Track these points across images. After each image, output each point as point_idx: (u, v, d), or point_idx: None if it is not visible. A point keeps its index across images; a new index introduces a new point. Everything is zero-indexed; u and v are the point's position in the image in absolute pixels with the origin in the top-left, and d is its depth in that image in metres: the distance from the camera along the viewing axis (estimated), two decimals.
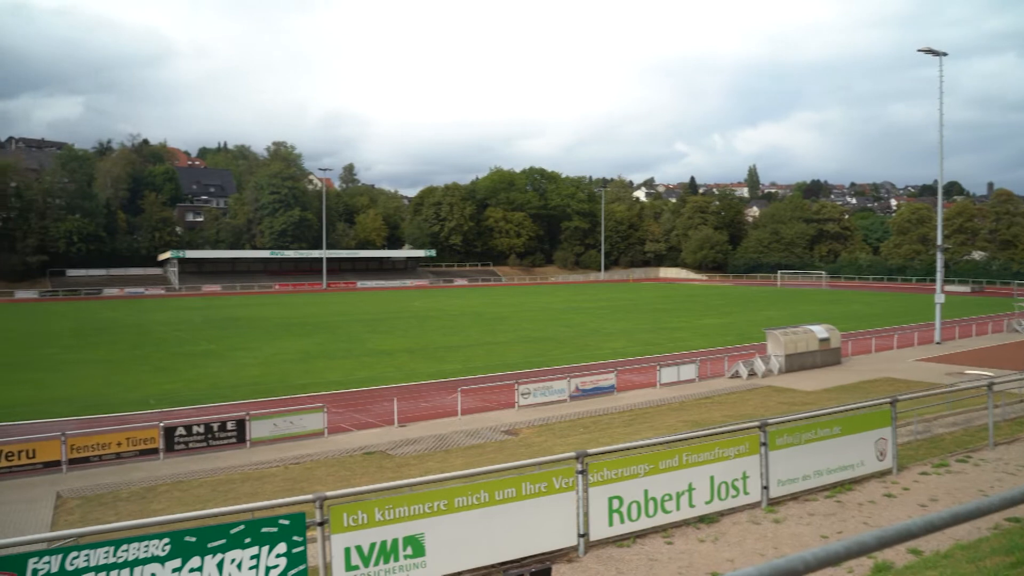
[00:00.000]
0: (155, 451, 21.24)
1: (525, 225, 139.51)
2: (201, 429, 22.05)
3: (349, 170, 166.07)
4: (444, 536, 7.90)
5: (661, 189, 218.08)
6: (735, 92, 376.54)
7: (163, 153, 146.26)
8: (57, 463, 19.99)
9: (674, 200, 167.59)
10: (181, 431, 21.76)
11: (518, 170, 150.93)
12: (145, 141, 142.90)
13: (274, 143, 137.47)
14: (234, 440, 22.38)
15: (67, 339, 49.58)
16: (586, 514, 9.43)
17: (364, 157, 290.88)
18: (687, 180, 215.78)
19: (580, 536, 9.43)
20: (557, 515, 9.16)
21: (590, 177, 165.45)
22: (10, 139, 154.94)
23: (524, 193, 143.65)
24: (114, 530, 7.17)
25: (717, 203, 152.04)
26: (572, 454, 9.37)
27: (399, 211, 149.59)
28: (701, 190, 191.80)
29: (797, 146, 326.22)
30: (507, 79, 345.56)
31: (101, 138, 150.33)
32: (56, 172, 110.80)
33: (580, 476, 9.29)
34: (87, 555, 6.16)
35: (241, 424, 22.52)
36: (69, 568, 6.07)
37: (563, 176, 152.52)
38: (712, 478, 10.74)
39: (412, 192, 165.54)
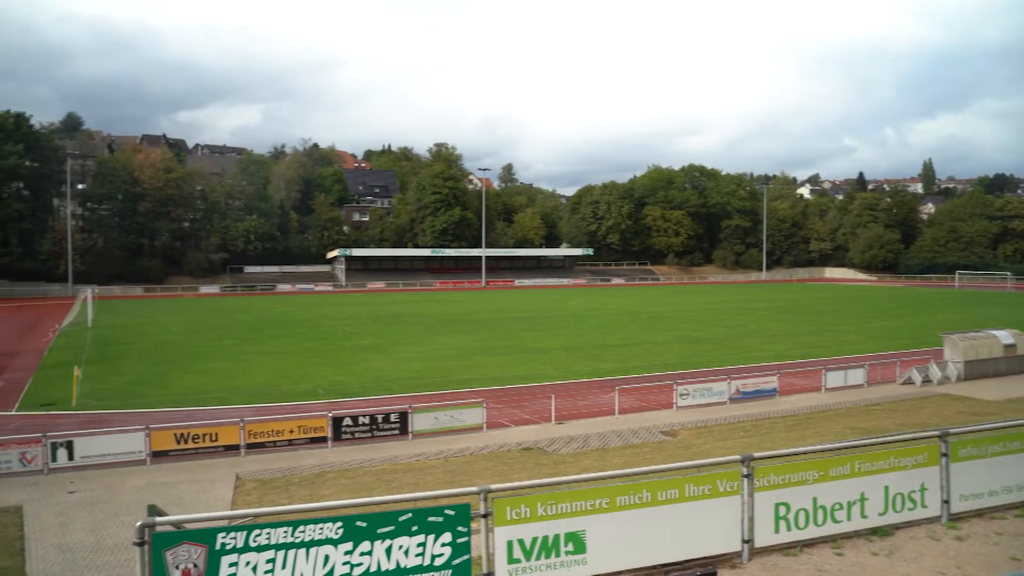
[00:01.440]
0: (324, 439, 22.19)
1: (684, 223, 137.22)
2: (366, 420, 22.86)
3: (508, 170, 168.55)
4: (605, 534, 7.86)
5: (827, 186, 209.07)
6: (909, 82, 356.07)
7: (332, 156, 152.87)
8: (236, 447, 21.23)
9: (841, 197, 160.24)
10: (348, 421, 22.65)
11: (677, 168, 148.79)
12: (315, 145, 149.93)
13: (436, 144, 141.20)
14: (397, 432, 23.07)
15: (245, 332, 52.66)
16: (751, 519, 9.15)
17: (523, 157, 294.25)
18: (855, 176, 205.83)
19: (744, 542, 9.16)
20: (720, 519, 8.93)
21: (751, 174, 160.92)
22: (196, 146, 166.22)
23: (683, 191, 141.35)
24: (290, 512, 7.52)
25: (888, 200, 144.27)
26: (737, 457, 9.10)
27: (557, 210, 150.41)
28: (870, 186, 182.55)
29: (978, 137, 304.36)
30: (666, 76, 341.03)
31: (276, 143, 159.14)
32: (236, 176, 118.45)
33: (745, 480, 9.02)
34: (268, 533, 6.51)
35: (404, 416, 23.21)
36: (252, 544, 6.44)
37: (723, 173, 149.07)
38: (886, 489, 10.18)
39: (570, 191, 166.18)
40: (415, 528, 6.86)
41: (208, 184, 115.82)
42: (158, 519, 6.36)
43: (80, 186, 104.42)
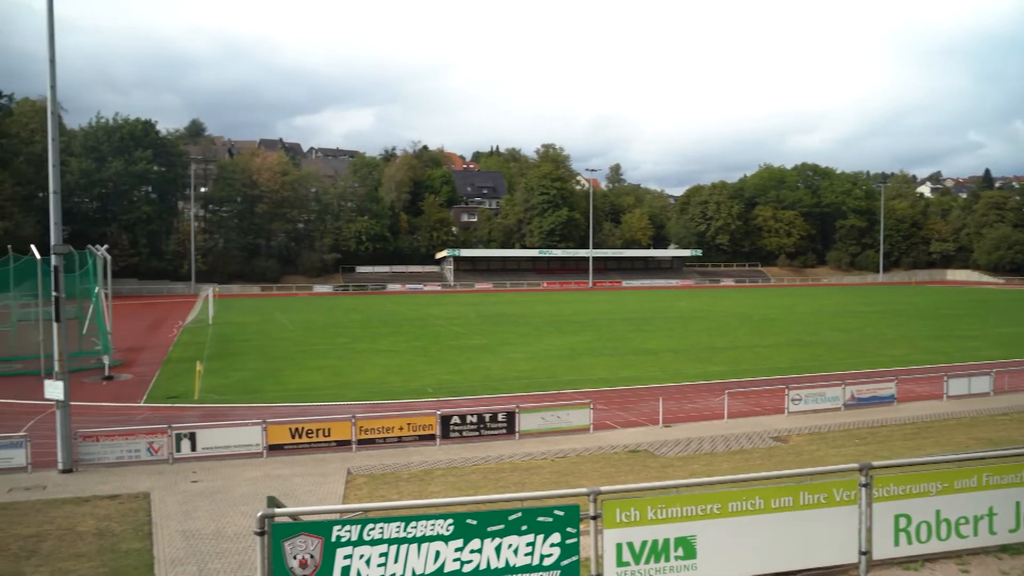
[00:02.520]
0: (432, 437, 22.51)
1: (796, 224, 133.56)
2: (474, 419, 23.09)
3: (616, 170, 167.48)
4: (716, 540, 7.70)
5: (949, 184, 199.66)
6: None
7: (441, 158, 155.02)
8: (348, 442, 21.76)
9: (965, 195, 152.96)
10: (456, 420, 22.92)
11: (789, 166, 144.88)
12: (425, 147, 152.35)
13: (543, 145, 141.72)
14: (504, 431, 23.21)
15: (356, 330, 53.95)
16: (869, 530, 8.80)
17: (631, 157, 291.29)
18: (980, 173, 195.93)
19: (862, 554, 8.82)
20: (836, 529, 8.61)
21: (867, 172, 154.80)
22: (311, 149, 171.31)
23: (795, 191, 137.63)
24: (402, 508, 7.64)
25: (1017, 198, 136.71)
26: (855, 465, 8.77)
27: (665, 210, 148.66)
28: (997, 184, 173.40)
29: None
30: (778, 72, 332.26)
31: (387, 146, 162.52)
32: (348, 178, 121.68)
33: (863, 490, 8.68)
34: (382, 528, 6.64)
35: (511, 416, 23.33)
36: (366, 538, 6.58)
37: (838, 172, 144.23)
38: (1018, 504, 9.62)
39: (678, 191, 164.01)
40: (524, 527, 6.87)
41: (322, 186, 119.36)
42: (277, 510, 6.56)
43: (202, 189, 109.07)
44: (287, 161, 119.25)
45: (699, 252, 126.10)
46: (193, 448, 20.68)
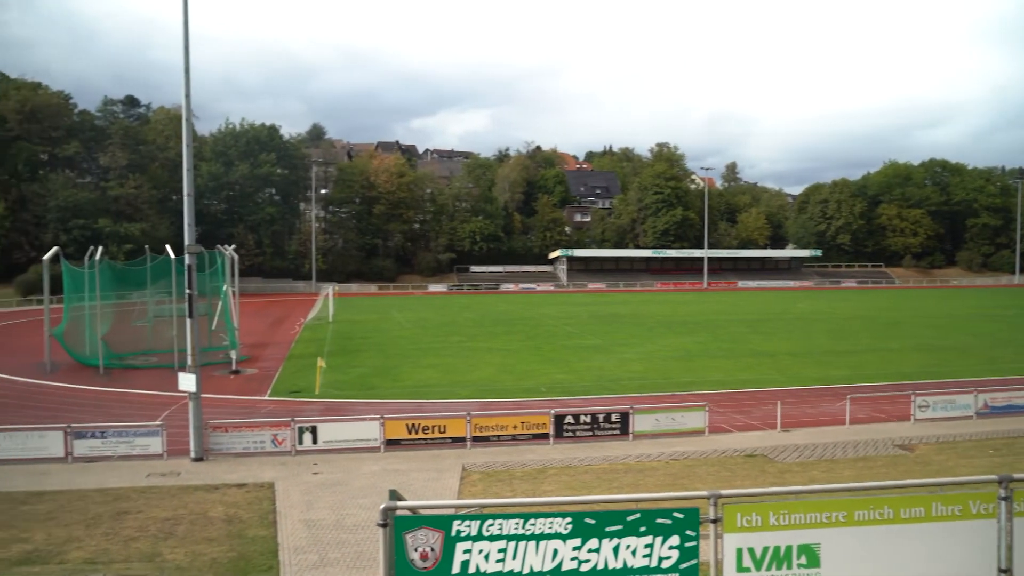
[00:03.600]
0: (546, 436, 22.57)
1: (923, 223, 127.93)
2: (588, 419, 23.03)
3: (731, 169, 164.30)
4: (841, 550, 7.42)
5: None
6: None
7: (554, 158, 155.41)
8: (462, 439, 22.04)
9: None
10: (570, 419, 22.91)
11: (915, 163, 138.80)
12: (538, 147, 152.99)
13: (657, 144, 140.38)
14: (618, 432, 23.06)
15: (471, 329, 54.63)
16: (1009, 547, 8.31)
17: (748, 155, 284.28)
18: None
19: (1001, 572, 8.34)
20: (972, 544, 8.17)
21: (1003, 168, 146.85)
22: (427, 151, 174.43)
23: (922, 188, 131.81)
24: (519, 505, 7.70)
25: None
26: (994, 477, 8.30)
27: (783, 209, 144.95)
28: None
29: None
30: (904, 63, 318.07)
31: (501, 146, 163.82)
32: (463, 179, 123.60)
33: (1003, 503, 8.22)
34: (500, 524, 6.69)
35: (625, 417, 23.17)
36: (485, 534, 6.64)
37: (969, 168, 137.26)
38: None
39: (797, 190, 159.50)
40: (643, 529, 6.80)
41: (437, 187, 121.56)
42: (399, 503, 6.71)
43: (323, 191, 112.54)
44: (404, 163, 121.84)
45: (819, 252, 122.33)
46: (314, 441, 21.36)
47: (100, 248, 39.60)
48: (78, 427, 21.09)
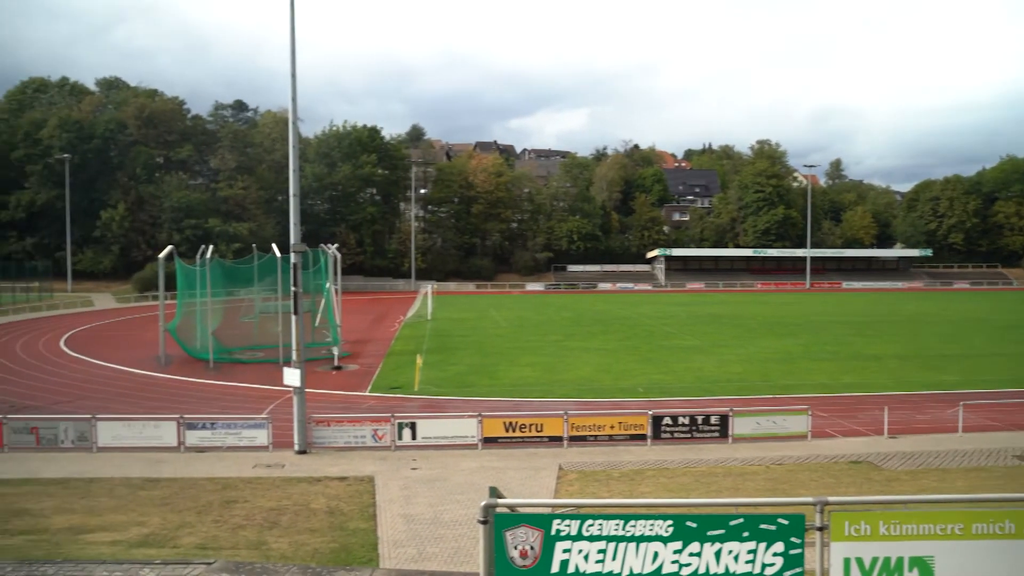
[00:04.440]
0: (643, 437, 22.37)
1: None
2: (686, 421, 22.73)
3: (836, 166, 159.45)
4: (957, 564, 7.08)
5: None
6: None
7: (652, 156, 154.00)
8: (559, 438, 22.04)
9: None
10: (667, 421, 22.65)
11: None
12: (636, 146, 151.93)
13: (758, 142, 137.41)
14: (716, 434, 22.69)
15: (568, 328, 54.56)
16: None
17: (854, 151, 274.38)
18: None
19: None
20: None
21: None
22: (524, 150, 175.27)
23: None
24: (618, 506, 7.65)
25: None
26: None
27: (890, 208, 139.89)
28: None
29: None
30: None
31: (598, 145, 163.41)
32: (560, 178, 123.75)
33: None
34: (600, 525, 6.67)
35: (724, 419, 22.77)
36: (585, 534, 6.63)
37: None
38: None
39: (905, 187, 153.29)
40: (746, 534, 6.66)
41: (534, 187, 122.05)
42: (499, 501, 6.75)
43: (422, 191, 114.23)
44: (502, 163, 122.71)
45: (929, 252, 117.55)
46: (413, 437, 21.70)
47: (211, 247, 41.13)
48: (190, 418, 22.01)
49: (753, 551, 6.70)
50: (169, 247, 40.86)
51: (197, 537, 13.89)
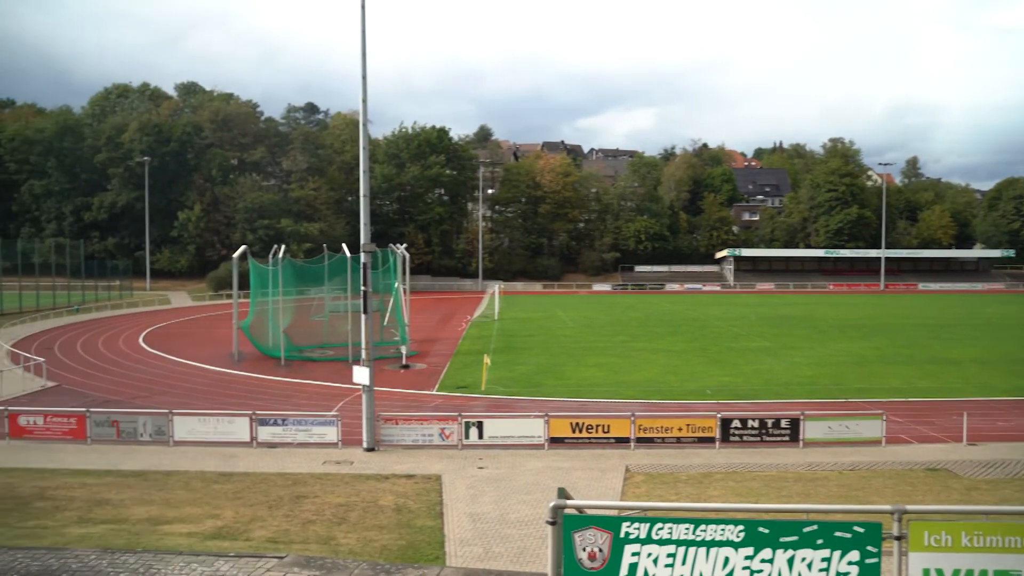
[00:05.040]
0: (711, 440, 22.08)
1: None
2: (756, 424, 22.37)
3: (912, 164, 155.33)
4: None
5: None
6: None
7: (721, 155, 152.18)
8: (626, 439, 21.88)
9: None
10: (736, 423, 22.32)
11: None
12: (704, 145, 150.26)
13: (831, 140, 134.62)
14: (787, 438, 22.27)
15: (635, 329, 54.23)
16: None
17: (932, 149, 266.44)
18: None
19: None
20: None
21: None
22: (592, 150, 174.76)
23: None
24: (687, 509, 7.56)
25: None
26: None
27: (970, 207, 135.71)
28: None
29: None
30: None
31: (666, 145, 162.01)
32: (628, 177, 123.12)
33: None
34: (670, 528, 6.59)
35: (795, 423, 22.34)
36: (654, 537, 6.57)
37: None
38: None
39: (987, 185, 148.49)
40: (820, 541, 6.51)
41: (602, 186, 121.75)
42: (567, 502, 6.73)
43: (490, 191, 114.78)
44: (569, 162, 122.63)
45: (1011, 253, 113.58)
46: (480, 436, 21.78)
47: (282, 246, 41.94)
48: (262, 414, 22.48)
49: (827, 559, 6.54)
50: (243, 247, 41.84)
51: (268, 531, 14.16)
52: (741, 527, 6.60)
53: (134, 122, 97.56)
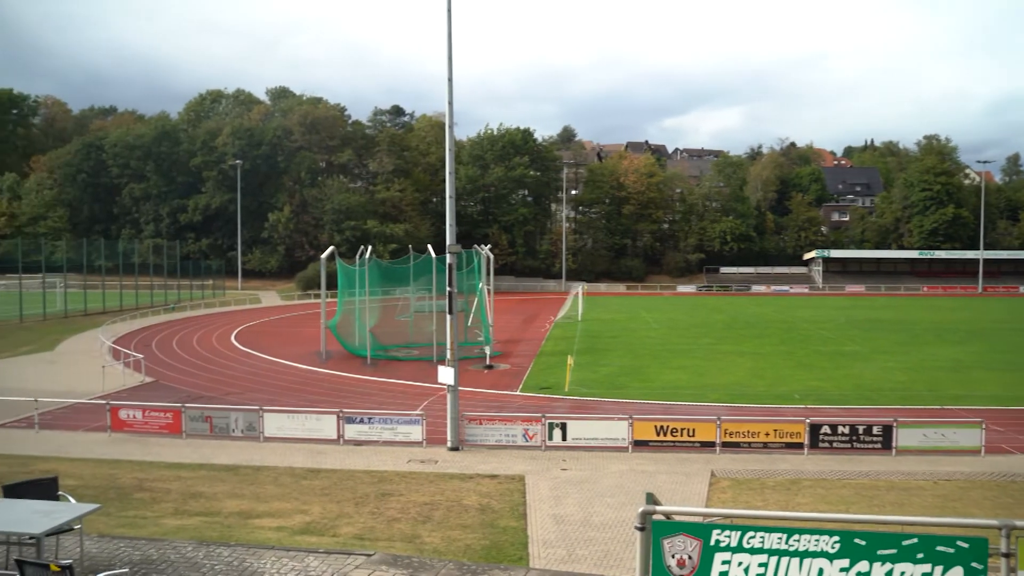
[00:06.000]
0: (800, 445, 21.56)
1: None
2: (846, 430, 21.75)
3: (1013, 161, 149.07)
4: None
5: None
6: None
7: (809, 154, 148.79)
8: (711, 444, 21.55)
9: None
10: (826, 429, 21.74)
11: None
12: (792, 144, 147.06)
13: (926, 137, 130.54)
14: (879, 446, 21.59)
15: (720, 331, 53.39)
16: None
17: None
18: None
19: None
20: None
21: None
22: (676, 150, 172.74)
23: None
24: (779, 518, 7.40)
25: None
26: None
27: None
28: None
29: None
30: None
31: (753, 144, 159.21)
32: (713, 178, 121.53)
33: None
34: (762, 537, 6.44)
35: (888, 430, 21.64)
36: (745, 546, 6.43)
37: None
38: None
39: None
40: (920, 556, 6.26)
41: (686, 187, 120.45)
42: (656, 508, 6.66)
43: (573, 192, 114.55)
44: (653, 163, 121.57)
45: None
46: (563, 437, 21.74)
47: (369, 247, 42.65)
48: (349, 413, 22.89)
49: (928, 574, 6.30)
50: (331, 248, 42.67)
51: (355, 527, 14.41)
52: (836, 538, 6.40)
53: (227, 126, 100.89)
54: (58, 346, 44.55)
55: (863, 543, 6.36)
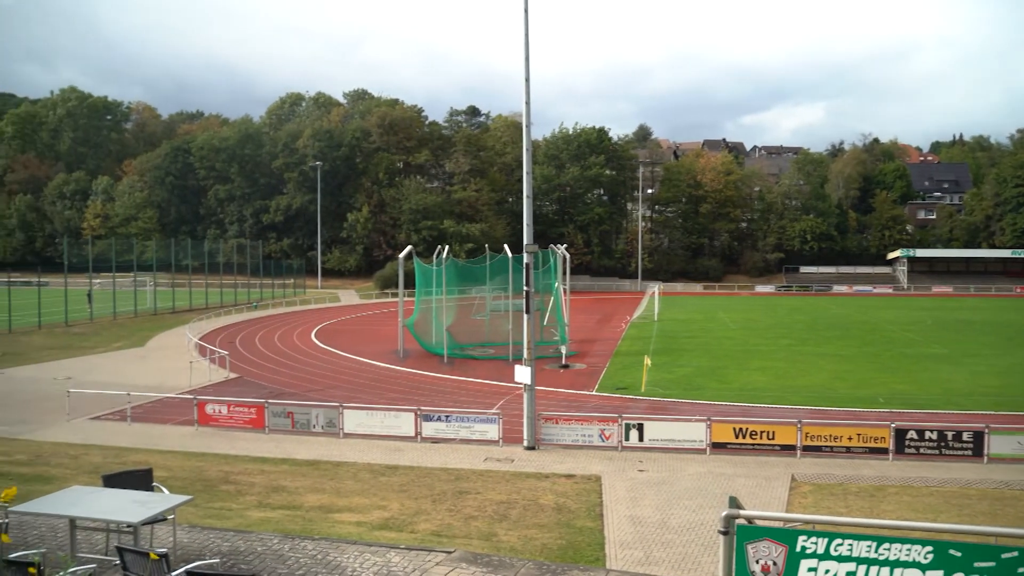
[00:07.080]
0: (884, 451, 20.98)
1: None
2: (933, 435, 21.07)
3: None
4: None
5: None
6: None
7: (893, 150, 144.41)
8: (792, 447, 21.12)
9: None
10: (912, 435, 21.10)
11: None
12: (875, 140, 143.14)
13: (1019, 131, 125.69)
14: (969, 452, 20.85)
15: (801, 332, 52.31)
16: None
17: None
18: None
19: None
20: None
21: None
22: (754, 148, 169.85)
23: None
24: (864, 525, 7.21)
25: None
26: None
27: None
28: None
29: None
30: None
31: (834, 140, 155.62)
32: (792, 175, 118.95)
33: None
34: (850, 545, 6.27)
35: (979, 436, 20.87)
36: (833, 553, 6.28)
37: None
38: None
39: None
40: (1021, 570, 6.03)
41: (765, 185, 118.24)
42: (740, 512, 6.56)
43: (649, 191, 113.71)
44: (731, 161, 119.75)
45: None
46: (640, 438, 21.58)
47: (445, 247, 43.03)
48: (426, 410, 23.16)
49: None
50: (408, 247, 43.18)
51: (432, 524, 14.55)
52: (930, 548, 6.19)
53: (307, 129, 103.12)
54: (148, 342, 46.17)
55: (959, 554, 6.13)
